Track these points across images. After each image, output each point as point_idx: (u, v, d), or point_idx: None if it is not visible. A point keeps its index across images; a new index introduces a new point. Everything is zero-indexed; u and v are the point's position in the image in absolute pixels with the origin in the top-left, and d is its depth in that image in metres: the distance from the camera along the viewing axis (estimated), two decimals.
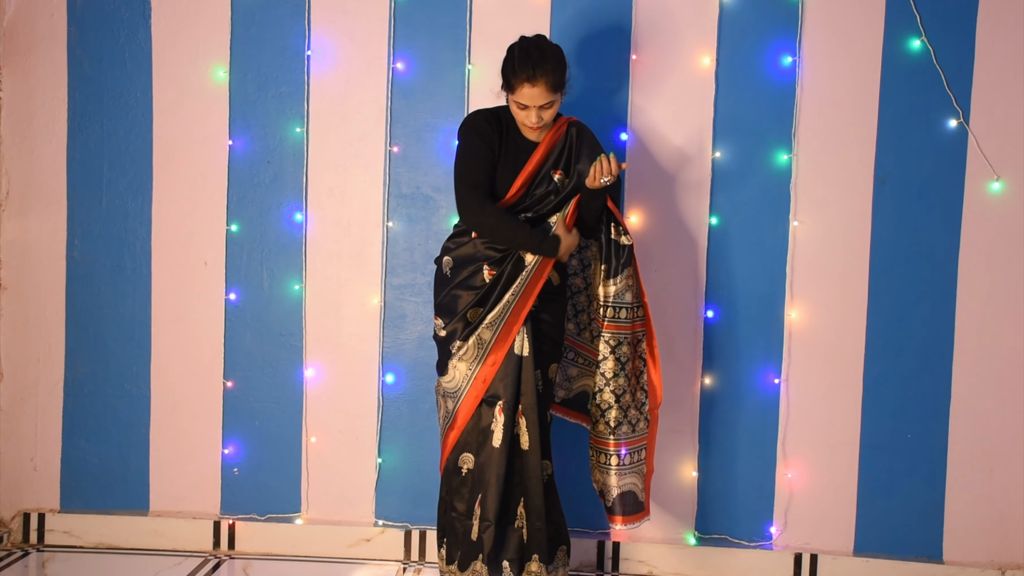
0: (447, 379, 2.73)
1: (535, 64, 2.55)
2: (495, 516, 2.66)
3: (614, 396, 2.73)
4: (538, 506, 2.68)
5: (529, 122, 2.63)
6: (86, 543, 3.31)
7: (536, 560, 2.70)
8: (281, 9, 3.23)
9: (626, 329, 2.74)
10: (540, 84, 2.55)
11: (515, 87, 2.58)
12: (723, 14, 3.15)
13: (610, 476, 2.76)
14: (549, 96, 2.57)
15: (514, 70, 2.58)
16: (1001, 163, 3.13)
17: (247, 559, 3.25)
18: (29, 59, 3.27)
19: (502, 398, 2.67)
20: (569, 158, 2.72)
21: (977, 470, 3.18)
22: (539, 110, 2.60)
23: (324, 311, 3.28)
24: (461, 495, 2.72)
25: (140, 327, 3.31)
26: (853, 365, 3.19)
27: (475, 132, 2.69)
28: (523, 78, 2.55)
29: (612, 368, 2.72)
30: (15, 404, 3.35)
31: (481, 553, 2.68)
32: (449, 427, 2.73)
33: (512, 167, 2.70)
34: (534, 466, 2.69)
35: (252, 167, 3.27)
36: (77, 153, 3.29)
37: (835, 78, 3.15)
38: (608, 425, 2.74)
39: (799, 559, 3.21)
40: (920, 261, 3.16)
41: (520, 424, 2.68)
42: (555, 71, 2.56)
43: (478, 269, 2.72)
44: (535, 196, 2.71)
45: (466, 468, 2.72)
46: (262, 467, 3.31)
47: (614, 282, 2.72)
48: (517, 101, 2.61)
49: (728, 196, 3.18)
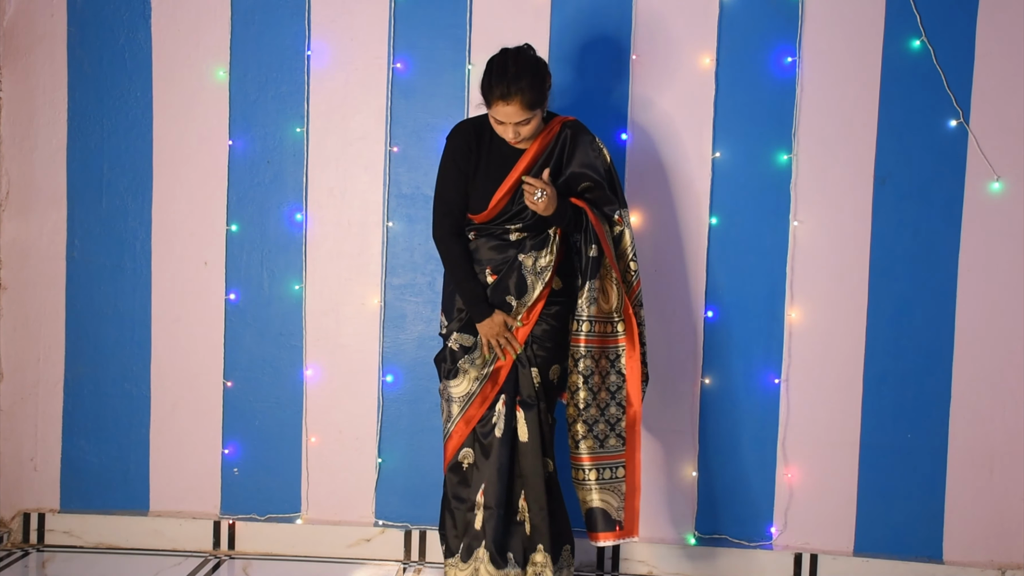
0: (455, 383, 2.74)
1: (509, 82, 2.48)
2: (496, 503, 2.68)
3: (577, 410, 2.71)
4: (539, 496, 2.70)
5: (507, 138, 2.59)
6: (86, 543, 3.31)
7: (541, 551, 2.71)
8: (281, 9, 3.23)
9: (592, 343, 2.70)
10: (514, 102, 2.49)
11: (490, 104, 2.54)
12: (723, 14, 3.15)
13: (582, 491, 2.74)
14: (524, 114, 2.51)
15: (489, 86, 2.52)
16: (1001, 163, 3.13)
17: (247, 559, 3.25)
18: (29, 59, 3.27)
19: (505, 391, 2.71)
20: (560, 159, 2.69)
21: (977, 470, 3.18)
22: (516, 126, 2.54)
23: (324, 311, 3.28)
24: (463, 488, 2.76)
25: (140, 327, 3.31)
26: (853, 365, 3.19)
27: (451, 155, 2.70)
28: (497, 95, 2.50)
29: (577, 382, 2.70)
30: (15, 404, 3.35)
31: (484, 540, 2.69)
32: (454, 430, 2.76)
33: (498, 173, 2.67)
34: (533, 459, 2.70)
35: (252, 167, 3.27)
36: (77, 153, 3.29)
37: (835, 78, 3.14)
38: (574, 439, 2.73)
39: (799, 559, 3.21)
40: (920, 261, 3.16)
41: (518, 417, 2.71)
42: (531, 89, 2.49)
43: (480, 271, 2.74)
44: (520, 205, 2.67)
45: (467, 462, 2.76)
46: (262, 467, 3.31)
47: (581, 293, 2.69)
48: (493, 117, 2.57)
49: (728, 196, 3.18)
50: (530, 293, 2.69)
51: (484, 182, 2.68)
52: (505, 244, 2.71)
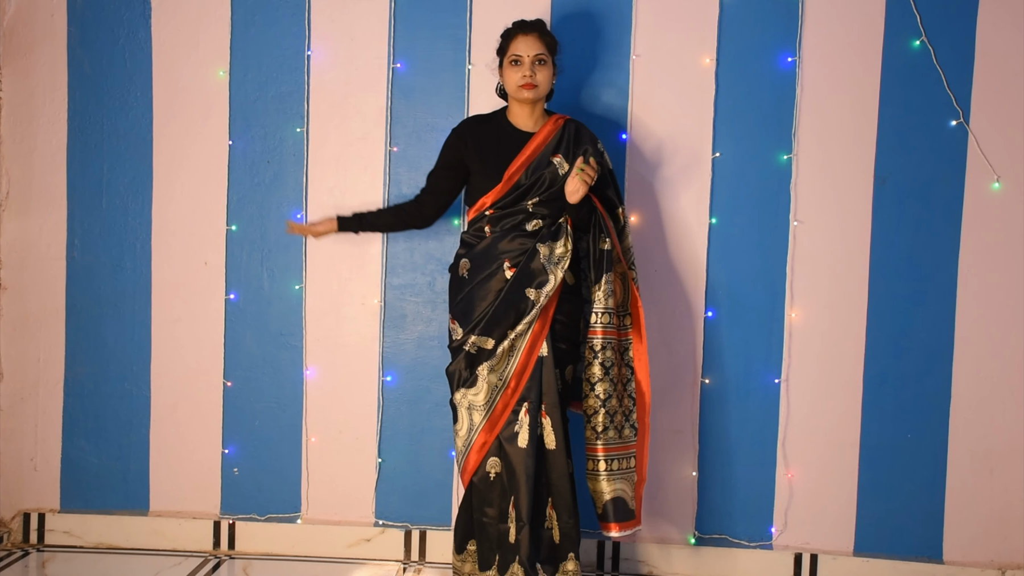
0: (473, 391, 2.73)
1: (528, 23, 2.79)
2: (528, 517, 2.69)
3: (599, 401, 2.73)
4: (568, 504, 2.73)
5: (520, 79, 2.73)
6: (86, 543, 3.31)
7: (572, 559, 2.73)
8: (281, 9, 3.23)
9: (611, 335, 2.75)
10: (533, 35, 2.75)
11: (510, 41, 2.77)
12: (723, 14, 3.15)
13: (599, 482, 2.75)
14: (541, 47, 2.75)
15: (508, 30, 2.81)
16: (1001, 163, 3.13)
17: (247, 559, 3.25)
18: (29, 59, 3.27)
19: (527, 399, 2.71)
20: (569, 146, 2.80)
21: (977, 470, 3.18)
22: (532, 65, 2.73)
23: (324, 311, 3.28)
24: (491, 500, 2.74)
25: (140, 327, 3.31)
26: (853, 365, 3.19)
27: (443, 149, 2.91)
28: (517, 28, 2.78)
29: (597, 373, 2.73)
30: (15, 404, 3.35)
31: (518, 555, 2.70)
32: (477, 439, 2.73)
33: (506, 155, 2.79)
34: (561, 464, 2.72)
35: (252, 167, 3.27)
36: (77, 153, 3.29)
37: (835, 78, 3.15)
38: (595, 431, 2.74)
39: (799, 559, 3.21)
40: (920, 261, 3.16)
41: (544, 424, 2.72)
42: (547, 32, 2.80)
43: (498, 266, 2.75)
44: (533, 178, 2.77)
45: (494, 472, 2.74)
46: (262, 467, 3.31)
47: (598, 286, 2.74)
48: (513, 55, 2.76)
49: (728, 196, 3.18)
50: (550, 283, 2.70)
51: (495, 161, 2.79)
52: (522, 234, 2.76)
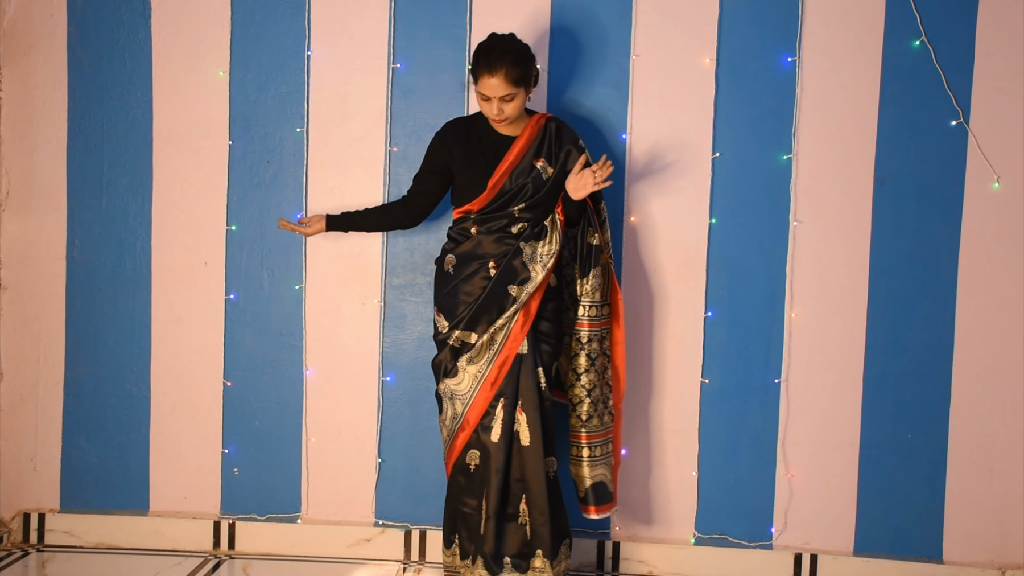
0: (455, 381, 2.79)
1: (497, 56, 2.65)
2: (494, 511, 2.74)
3: (585, 391, 2.83)
4: (541, 503, 2.75)
5: (491, 114, 2.71)
6: (86, 543, 3.31)
7: (540, 556, 2.76)
8: (281, 9, 3.23)
9: (596, 327, 2.85)
10: (499, 75, 2.63)
11: (477, 78, 2.68)
12: (723, 14, 3.15)
13: (582, 468, 2.86)
14: (508, 88, 2.65)
15: (476, 61, 2.69)
16: (1001, 163, 3.13)
17: (247, 559, 3.25)
18: (29, 59, 3.27)
19: (503, 395, 2.75)
20: (551, 148, 2.81)
21: (977, 470, 3.18)
22: (500, 102, 2.68)
23: (324, 311, 3.28)
24: (472, 491, 2.80)
25: (140, 327, 3.31)
26: (853, 365, 3.19)
27: (427, 153, 2.90)
28: (483, 67, 2.66)
29: (583, 364, 2.83)
30: (15, 404, 3.35)
31: (484, 546, 2.75)
32: (459, 428, 2.79)
33: (489, 160, 2.80)
34: (535, 463, 2.75)
35: (252, 167, 3.27)
36: (77, 153, 3.29)
37: (835, 78, 3.14)
38: (579, 419, 2.84)
39: (799, 559, 3.21)
40: (920, 261, 3.16)
41: (520, 420, 2.75)
42: (515, 65, 2.64)
43: (482, 266, 2.78)
44: (517, 185, 2.78)
45: (474, 464, 2.80)
46: (262, 467, 3.31)
47: (586, 280, 2.82)
48: (480, 92, 2.70)
49: (728, 196, 3.18)
50: (532, 280, 2.74)
51: (478, 167, 2.80)
52: (507, 236, 2.80)
